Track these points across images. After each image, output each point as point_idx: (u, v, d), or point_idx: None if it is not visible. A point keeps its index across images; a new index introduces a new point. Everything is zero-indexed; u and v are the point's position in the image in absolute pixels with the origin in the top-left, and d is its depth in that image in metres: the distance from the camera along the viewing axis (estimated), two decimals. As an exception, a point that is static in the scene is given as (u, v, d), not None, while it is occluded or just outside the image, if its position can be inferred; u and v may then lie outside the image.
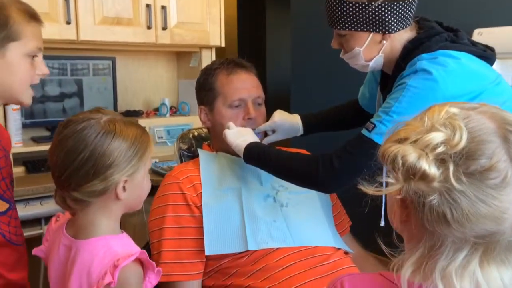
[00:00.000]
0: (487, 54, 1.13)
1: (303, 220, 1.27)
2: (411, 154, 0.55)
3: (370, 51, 1.15)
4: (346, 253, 1.29)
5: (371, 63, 1.18)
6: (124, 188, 0.89)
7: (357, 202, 0.73)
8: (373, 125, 1.08)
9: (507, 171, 0.53)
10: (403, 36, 1.15)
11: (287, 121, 1.37)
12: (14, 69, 1.03)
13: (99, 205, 0.90)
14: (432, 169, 0.53)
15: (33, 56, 1.06)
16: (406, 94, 1.05)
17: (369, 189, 0.61)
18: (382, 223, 1.39)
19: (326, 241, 1.26)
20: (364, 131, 1.10)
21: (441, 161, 0.54)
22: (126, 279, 0.83)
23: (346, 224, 1.47)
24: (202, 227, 1.19)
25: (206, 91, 1.34)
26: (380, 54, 1.16)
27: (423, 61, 1.07)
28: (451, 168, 0.53)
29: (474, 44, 1.15)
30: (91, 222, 0.90)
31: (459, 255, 0.55)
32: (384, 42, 1.14)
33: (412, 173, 0.54)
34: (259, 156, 1.20)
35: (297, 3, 3.19)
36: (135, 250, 0.88)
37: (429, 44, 1.10)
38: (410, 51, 1.12)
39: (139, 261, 0.88)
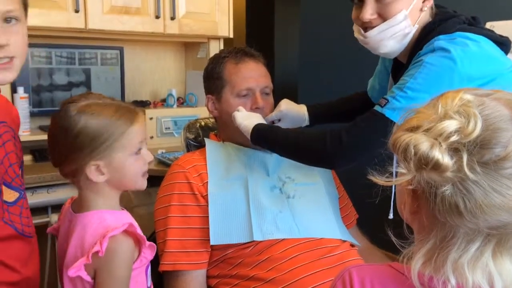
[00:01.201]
0: (503, 40, 1.11)
1: (309, 212, 1.25)
2: (423, 143, 0.53)
3: (413, 17, 1.09)
4: (352, 245, 1.28)
5: (412, 32, 1.09)
6: (100, 171, 0.90)
7: (365, 195, 0.72)
8: (386, 101, 1.05)
9: None
10: (423, 18, 1.12)
11: (293, 111, 1.35)
12: None
13: (86, 184, 0.92)
14: (445, 159, 0.51)
15: None
16: (422, 71, 1.02)
17: (380, 179, 0.60)
18: (391, 216, 1.37)
19: (332, 233, 1.25)
20: (376, 107, 1.07)
21: (454, 150, 0.52)
22: (114, 249, 0.85)
23: (353, 217, 1.45)
24: (208, 216, 1.18)
25: (214, 79, 1.33)
26: (416, 25, 1.10)
27: (441, 40, 1.05)
28: (465, 157, 0.51)
29: (490, 30, 1.13)
30: (86, 198, 0.94)
31: (471, 247, 0.53)
32: (425, 9, 1.10)
33: (425, 163, 0.53)
34: (266, 135, 1.18)
35: (307, -5, 3.16)
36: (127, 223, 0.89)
37: (446, 26, 1.08)
38: (427, 33, 1.10)
39: (133, 235, 0.89)
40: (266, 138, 1.19)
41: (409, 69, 1.07)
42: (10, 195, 0.97)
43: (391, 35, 1.10)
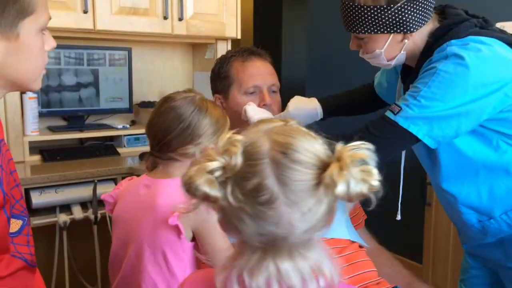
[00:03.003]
0: None
1: (317, 211, 1.24)
2: (196, 178, 0.60)
3: (391, 51, 1.12)
4: (361, 246, 1.27)
5: (393, 62, 1.15)
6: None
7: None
8: (399, 108, 1.04)
9: (273, 188, 0.59)
10: (424, 29, 1.11)
11: (302, 109, 1.34)
12: (30, 51, 0.82)
13: (181, 164, 1.06)
14: (212, 192, 0.60)
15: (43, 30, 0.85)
16: (435, 79, 1.01)
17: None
18: (399, 217, 1.36)
19: (341, 233, 1.23)
20: (388, 113, 1.07)
21: (222, 183, 0.61)
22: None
23: (361, 218, 1.44)
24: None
25: (221, 79, 1.33)
26: (402, 52, 1.13)
27: (453, 46, 1.04)
28: (229, 189, 0.60)
29: (503, 32, 1.11)
30: (175, 168, 1.07)
31: (253, 257, 0.62)
32: (406, 41, 1.10)
33: (199, 195, 0.61)
34: None
35: (315, -4, 3.15)
36: None
37: (458, 30, 1.07)
38: (437, 38, 1.09)
39: None
40: None
41: (422, 76, 1.06)
42: (13, 225, 0.88)
43: (376, 63, 1.17)
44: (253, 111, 1.22)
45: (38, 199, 1.81)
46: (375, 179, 0.61)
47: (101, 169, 1.93)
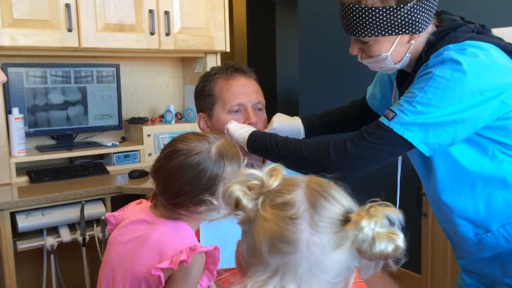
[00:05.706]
0: None
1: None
2: (233, 186, 0.64)
3: (397, 54, 1.07)
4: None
5: (399, 65, 1.10)
6: None
7: (358, 200, 0.70)
8: (394, 114, 1.01)
9: (301, 206, 0.61)
10: (419, 42, 1.07)
11: (287, 126, 1.31)
12: None
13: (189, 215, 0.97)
14: (244, 200, 0.63)
15: None
16: (432, 84, 0.98)
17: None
18: None
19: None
20: (383, 119, 1.03)
21: (255, 198, 0.64)
22: (194, 264, 0.90)
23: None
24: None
25: (204, 97, 1.29)
26: (407, 54, 1.08)
27: (450, 51, 1.00)
28: (260, 200, 0.63)
29: (500, 38, 1.08)
30: (175, 217, 0.98)
31: (262, 276, 0.60)
32: (413, 41, 1.06)
33: (232, 200, 0.64)
34: (264, 142, 1.13)
35: (305, 7, 3.14)
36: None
37: (456, 35, 1.03)
38: (434, 43, 1.05)
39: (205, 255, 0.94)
40: (265, 146, 1.14)
41: (418, 81, 1.03)
42: None
43: (380, 68, 1.12)
44: (235, 128, 1.18)
45: (24, 222, 1.77)
46: (401, 239, 0.60)
47: (88, 190, 1.90)
